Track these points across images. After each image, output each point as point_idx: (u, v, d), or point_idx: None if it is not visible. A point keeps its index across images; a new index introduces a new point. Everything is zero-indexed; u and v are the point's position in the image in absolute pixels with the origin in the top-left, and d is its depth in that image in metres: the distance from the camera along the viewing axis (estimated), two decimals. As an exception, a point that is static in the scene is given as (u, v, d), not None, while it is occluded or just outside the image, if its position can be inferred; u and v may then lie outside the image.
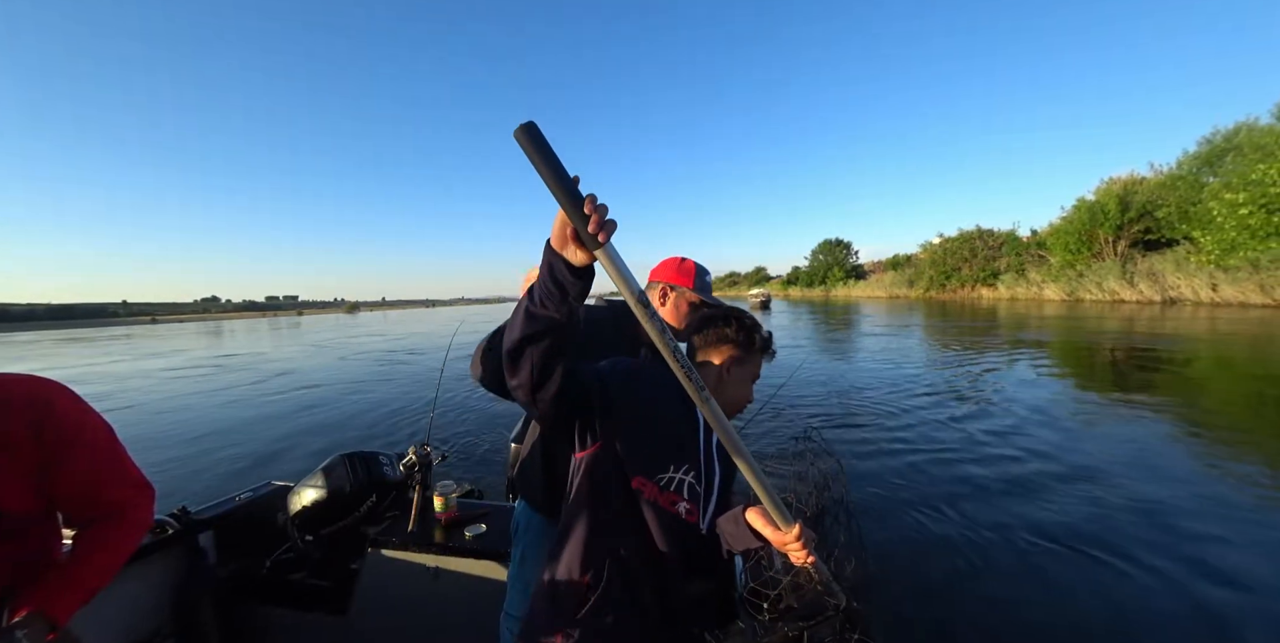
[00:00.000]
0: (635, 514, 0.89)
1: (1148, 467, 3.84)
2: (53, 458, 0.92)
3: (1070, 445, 4.37)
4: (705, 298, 1.36)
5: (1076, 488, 3.51)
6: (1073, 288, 27.22)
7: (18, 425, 0.89)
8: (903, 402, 6.20)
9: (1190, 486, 3.48)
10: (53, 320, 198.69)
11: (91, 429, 0.98)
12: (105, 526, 0.98)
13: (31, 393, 0.93)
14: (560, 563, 0.90)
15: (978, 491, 3.54)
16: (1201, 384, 6.76)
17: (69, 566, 0.92)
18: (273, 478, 2.16)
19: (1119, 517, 3.06)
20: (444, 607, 1.66)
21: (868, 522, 3.11)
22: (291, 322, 59.78)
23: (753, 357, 1.06)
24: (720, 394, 1.00)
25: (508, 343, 0.76)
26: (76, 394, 0.99)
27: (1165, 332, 12.26)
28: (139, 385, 10.90)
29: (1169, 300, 22.05)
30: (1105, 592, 2.38)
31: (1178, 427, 4.84)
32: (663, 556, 0.90)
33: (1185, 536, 2.83)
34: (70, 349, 25.46)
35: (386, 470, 1.85)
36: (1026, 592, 2.41)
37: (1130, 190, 26.50)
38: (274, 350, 18.84)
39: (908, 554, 2.77)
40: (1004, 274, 34.36)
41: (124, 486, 1.03)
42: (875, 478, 3.83)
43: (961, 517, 3.15)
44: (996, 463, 4.06)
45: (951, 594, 2.42)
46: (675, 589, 0.92)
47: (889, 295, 46.56)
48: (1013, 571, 2.58)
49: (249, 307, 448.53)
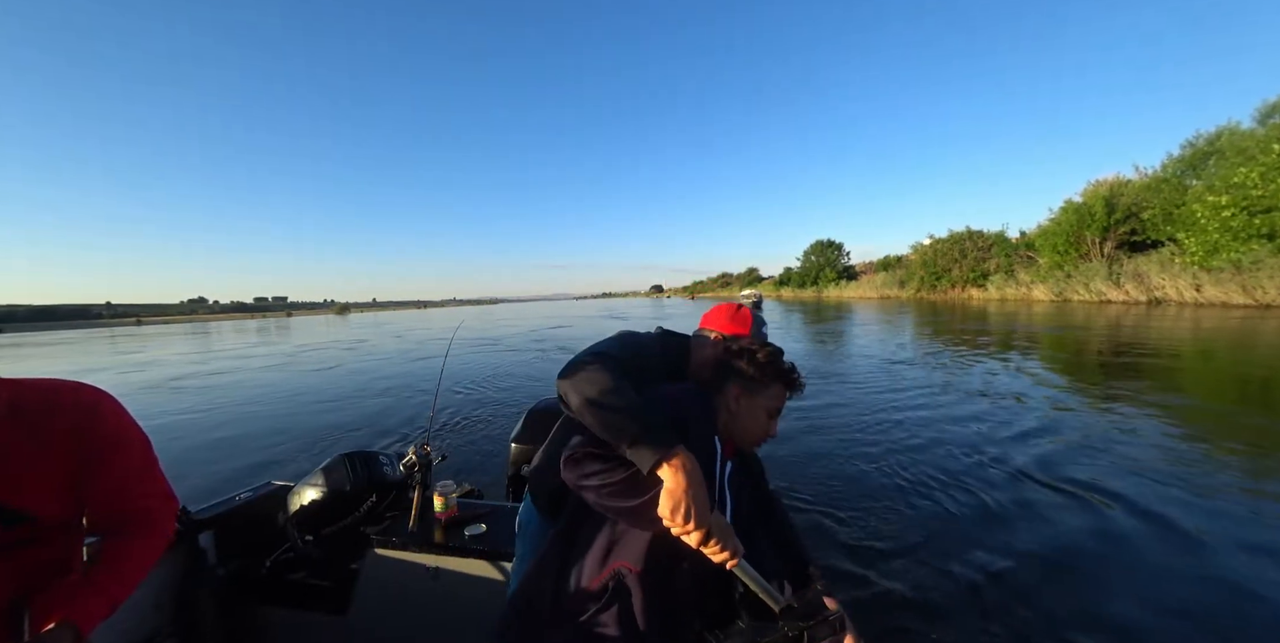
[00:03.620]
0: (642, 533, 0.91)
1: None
2: (89, 464, 0.93)
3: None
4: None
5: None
6: (1061, 289, 27.54)
7: (60, 429, 0.90)
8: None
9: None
10: (34, 321, 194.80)
11: (130, 438, 1.00)
12: (132, 536, 0.99)
13: (77, 398, 0.94)
14: (568, 571, 0.91)
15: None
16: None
17: (97, 575, 0.93)
18: (272, 478, 2.16)
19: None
20: (444, 607, 1.67)
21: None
22: (281, 323, 59.02)
23: (764, 389, 1.03)
24: (733, 428, 1.02)
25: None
26: (119, 403, 1.00)
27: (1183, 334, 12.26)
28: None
29: (1154, 301, 22.36)
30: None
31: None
32: (670, 576, 0.91)
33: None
34: (108, 346, 25.33)
35: (386, 470, 1.85)
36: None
37: (1116, 192, 26.85)
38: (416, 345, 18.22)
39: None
40: (993, 275, 34.68)
41: (154, 496, 1.04)
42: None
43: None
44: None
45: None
46: (678, 611, 0.92)
47: (880, 296, 46.89)
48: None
49: (237, 308, 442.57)
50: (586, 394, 0.90)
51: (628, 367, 0.98)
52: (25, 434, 0.88)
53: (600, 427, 0.86)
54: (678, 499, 0.79)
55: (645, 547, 0.90)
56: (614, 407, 0.87)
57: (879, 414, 5.66)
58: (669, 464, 0.81)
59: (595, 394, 0.89)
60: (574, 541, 0.95)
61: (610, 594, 0.87)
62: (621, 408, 0.86)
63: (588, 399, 0.89)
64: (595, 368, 0.95)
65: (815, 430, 5.10)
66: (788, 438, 4.73)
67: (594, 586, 0.89)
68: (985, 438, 4.62)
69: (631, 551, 0.90)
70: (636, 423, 0.84)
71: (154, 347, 24.64)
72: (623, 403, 0.87)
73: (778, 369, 1.04)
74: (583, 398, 0.90)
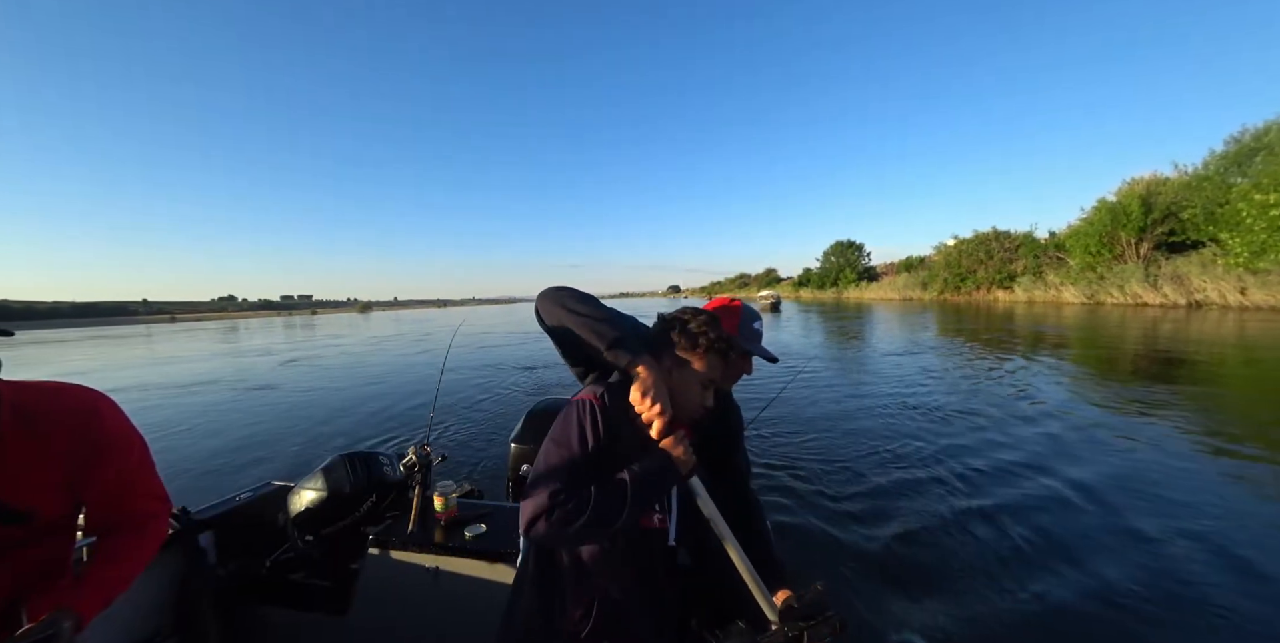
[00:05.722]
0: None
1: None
2: (88, 464, 0.95)
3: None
4: (747, 346, 1.11)
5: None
6: (1093, 291, 26.60)
7: (62, 432, 0.92)
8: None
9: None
10: (78, 318, 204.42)
11: (129, 440, 1.02)
12: (128, 535, 1.02)
13: (79, 401, 0.97)
14: (551, 594, 0.94)
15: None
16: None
17: (95, 569, 0.95)
18: (272, 478, 2.16)
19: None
20: (444, 607, 1.65)
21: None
22: (306, 321, 60.93)
23: (695, 360, 1.04)
24: (674, 400, 1.02)
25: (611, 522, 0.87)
26: (119, 406, 1.03)
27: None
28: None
29: (1194, 304, 21.44)
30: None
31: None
32: (645, 566, 0.96)
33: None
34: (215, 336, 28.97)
35: (386, 471, 1.84)
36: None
37: (1153, 191, 25.79)
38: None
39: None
40: (1021, 277, 33.69)
41: (150, 498, 1.07)
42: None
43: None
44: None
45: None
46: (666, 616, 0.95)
47: (902, 298, 45.95)
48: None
49: (264, 306, 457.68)
50: (572, 306, 1.06)
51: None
52: (28, 435, 0.89)
53: (583, 330, 1.02)
54: (647, 387, 0.96)
55: (621, 559, 0.94)
56: (595, 317, 1.04)
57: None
58: (641, 364, 0.98)
59: (580, 307, 1.06)
60: (552, 564, 0.97)
61: (596, 613, 0.90)
62: (601, 318, 1.04)
63: (572, 308, 1.06)
64: (577, 292, 1.12)
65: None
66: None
67: (579, 607, 0.91)
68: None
69: (609, 566, 0.94)
70: (616, 330, 1.02)
71: (257, 335, 29.13)
72: (601, 315, 1.05)
73: (708, 339, 1.03)
74: (567, 308, 1.06)
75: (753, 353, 1.13)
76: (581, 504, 0.84)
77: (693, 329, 1.04)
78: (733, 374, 1.14)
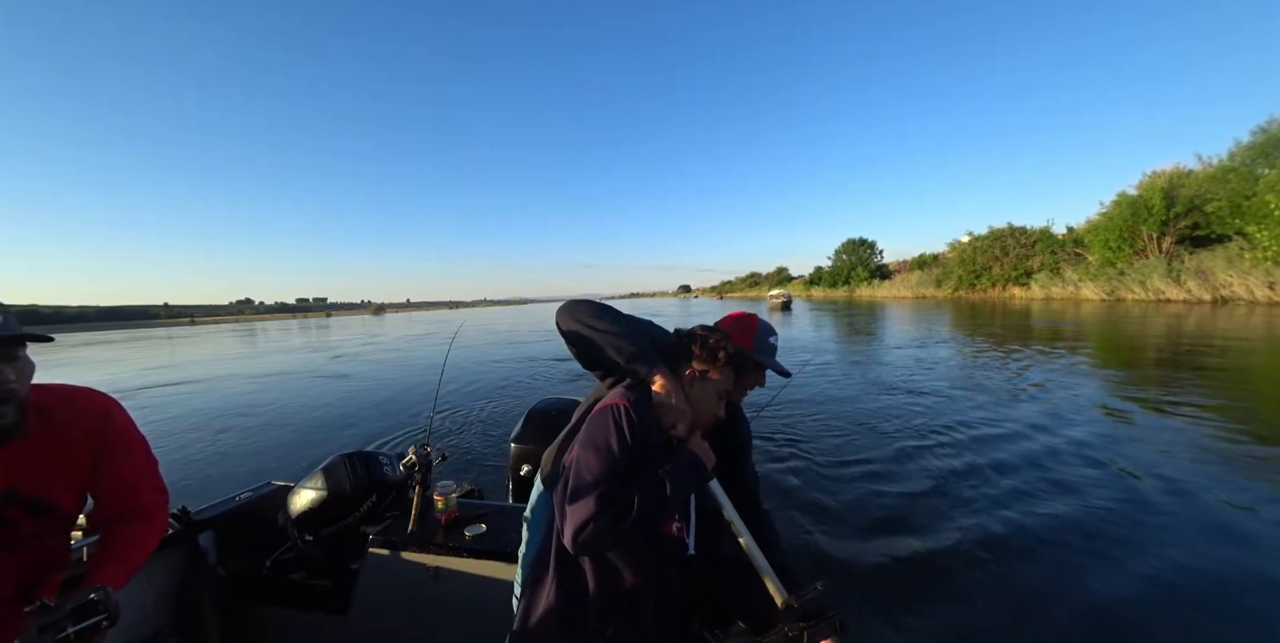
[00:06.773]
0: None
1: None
2: (103, 462, 1.04)
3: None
4: (763, 360, 1.22)
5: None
6: (1113, 287, 25.99)
7: (82, 430, 1.01)
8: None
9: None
10: (102, 321, 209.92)
11: (137, 440, 1.12)
12: (135, 523, 1.09)
13: (94, 404, 1.06)
14: (583, 564, 0.97)
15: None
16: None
17: (114, 551, 1.03)
18: (273, 478, 2.16)
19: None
20: (444, 607, 1.64)
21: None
22: (321, 323, 62.04)
23: (713, 371, 1.12)
24: (693, 410, 1.10)
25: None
26: (124, 407, 1.12)
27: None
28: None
29: (1220, 300, 20.84)
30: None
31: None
32: (663, 570, 0.98)
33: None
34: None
35: (386, 471, 1.84)
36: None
37: (1176, 184, 25.13)
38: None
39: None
40: (1037, 273, 33.04)
41: (155, 491, 1.16)
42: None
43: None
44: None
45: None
46: (671, 606, 0.98)
47: (915, 296, 45.35)
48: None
49: (281, 308, 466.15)
50: (590, 322, 1.12)
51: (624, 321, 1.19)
52: (53, 435, 0.97)
53: (605, 344, 1.10)
54: (669, 391, 1.05)
55: (641, 563, 0.97)
56: (613, 332, 1.11)
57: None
58: (659, 374, 1.06)
59: (597, 323, 1.12)
60: (575, 567, 0.99)
61: (615, 616, 0.94)
62: (619, 333, 1.11)
63: (590, 325, 1.12)
64: (593, 306, 1.17)
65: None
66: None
67: (600, 610, 0.94)
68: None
69: (630, 569, 0.97)
70: (633, 344, 1.09)
71: (336, 334, 31.03)
72: (619, 329, 1.11)
73: (726, 353, 1.12)
74: (585, 324, 1.12)
75: (768, 367, 1.22)
76: (628, 505, 0.89)
77: (711, 343, 1.12)
78: (746, 386, 1.23)
